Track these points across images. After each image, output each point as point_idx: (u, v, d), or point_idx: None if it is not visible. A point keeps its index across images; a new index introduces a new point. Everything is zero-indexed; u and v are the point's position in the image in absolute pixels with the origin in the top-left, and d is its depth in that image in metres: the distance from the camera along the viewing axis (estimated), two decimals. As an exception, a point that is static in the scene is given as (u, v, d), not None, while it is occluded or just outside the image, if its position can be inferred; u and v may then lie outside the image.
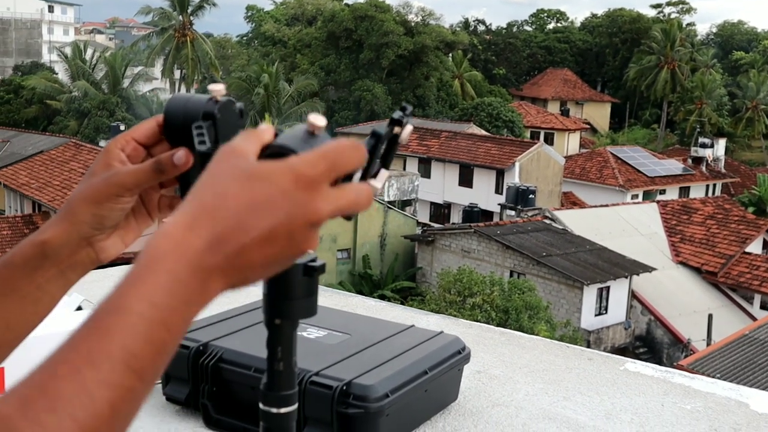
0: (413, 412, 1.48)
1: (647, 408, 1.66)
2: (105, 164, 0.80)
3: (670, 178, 35.89)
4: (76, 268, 0.80)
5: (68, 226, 0.79)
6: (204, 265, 0.58)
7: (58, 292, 0.81)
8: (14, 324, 0.79)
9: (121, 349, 0.55)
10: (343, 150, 0.63)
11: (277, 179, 0.60)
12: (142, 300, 0.56)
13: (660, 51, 51.69)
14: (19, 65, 55.45)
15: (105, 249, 0.81)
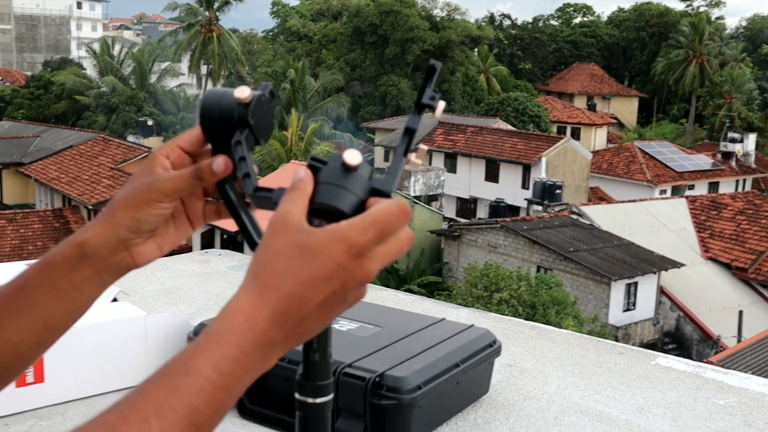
0: (445, 404, 1.49)
1: (680, 403, 1.65)
2: (149, 170, 0.83)
3: (699, 173, 35.48)
4: (111, 270, 0.82)
5: (107, 228, 0.81)
6: (268, 340, 0.65)
7: (94, 292, 0.83)
8: (52, 322, 0.81)
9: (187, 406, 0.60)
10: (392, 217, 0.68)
11: (331, 252, 0.65)
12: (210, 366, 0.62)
13: (688, 45, 51.06)
14: (49, 61, 56.12)
15: (141, 254, 0.83)
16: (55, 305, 0.81)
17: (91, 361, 1.52)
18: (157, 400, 0.60)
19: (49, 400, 1.49)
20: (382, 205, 0.69)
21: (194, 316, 1.97)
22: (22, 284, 0.81)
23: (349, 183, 0.73)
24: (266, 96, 0.85)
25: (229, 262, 2.62)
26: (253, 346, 0.64)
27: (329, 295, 0.66)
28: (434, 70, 0.83)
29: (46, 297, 0.80)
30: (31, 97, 43.80)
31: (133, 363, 1.58)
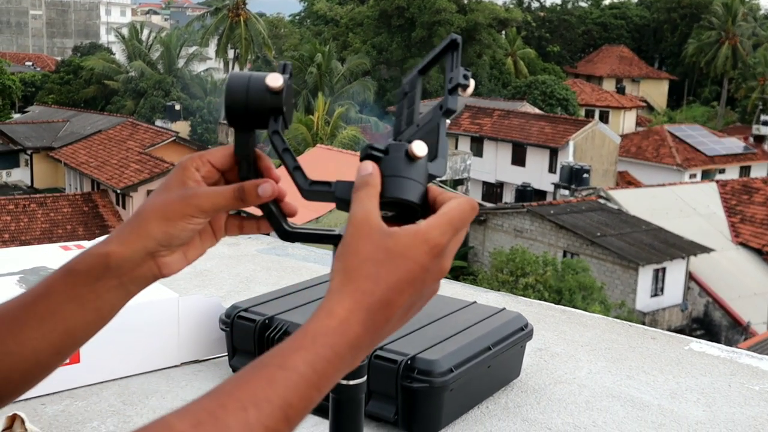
0: (476, 387, 1.49)
1: (714, 388, 1.64)
2: (180, 182, 0.81)
3: (730, 157, 34.97)
4: (137, 281, 0.81)
5: (135, 240, 0.80)
6: (359, 344, 0.68)
7: (118, 302, 0.82)
8: (73, 330, 0.80)
9: (282, 398, 0.64)
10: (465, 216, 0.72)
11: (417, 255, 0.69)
12: (306, 364, 0.66)
13: (721, 26, 50.19)
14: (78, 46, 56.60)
15: (168, 265, 0.82)
16: (77, 314, 0.80)
17: (125, 342, 1.54)
18: (255, 390, 0.63)
19: (84, 381, 1.51)
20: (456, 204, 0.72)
21: (225, 299, 1.98)
22: (44, 291, 0.81)
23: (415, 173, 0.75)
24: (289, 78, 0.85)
25: (259, 245, 2.63)
26: (345, 349, 0.67)
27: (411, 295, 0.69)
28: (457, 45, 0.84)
29: (67, 305, 0.79)
30: (61, 82, 44.22)
31: (166, 344, 1.60)
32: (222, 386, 0.64)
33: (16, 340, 0.79)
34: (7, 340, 0.79)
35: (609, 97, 45.86)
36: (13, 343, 0.79)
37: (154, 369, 1.60)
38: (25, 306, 0.81)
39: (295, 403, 0.64)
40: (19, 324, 0.80)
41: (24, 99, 44.75)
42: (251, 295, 1.89)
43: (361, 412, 0.90)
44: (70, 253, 1.93)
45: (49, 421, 1.39)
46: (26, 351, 0.79)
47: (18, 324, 0.80)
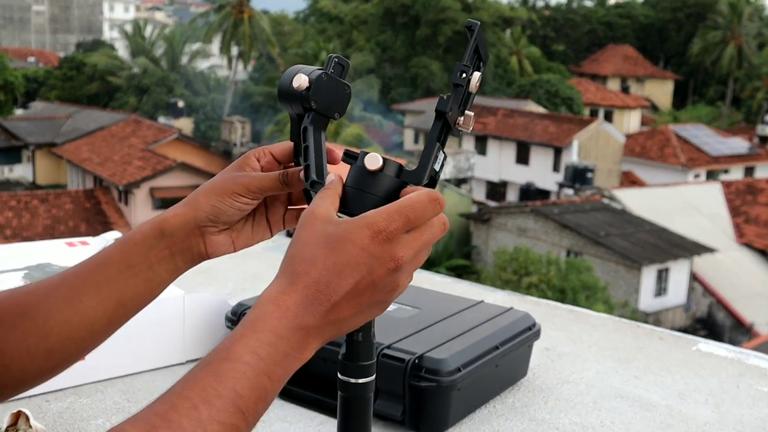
0: (484, 387, 1.48)
1: (722, 389, 1.63)
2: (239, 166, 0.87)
3: (735, 157, 34.91)
4: (185, 254, 0.86)
5: (188, 211, 0.85)
6: (301, 324, 0.67)
7: (167, 275, 0.86)
8: (125, 300, 0.84)
9: (231, 391, 0.63)
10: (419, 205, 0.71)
11: (356, 238, 0.68)
12: (250, 351, 0.65)
13: (726, 26, 50.11)
14: (81, 42, 56.66)
15: (214, 244, 0.86)
16: (130, 283, 0.84)
17: (130, 339, 1.53)
18: (203, 386, 0.63)
19: (89, 378, 1.50)
20: (411, 195, 0.72)
21: (230, 296, 1.97)
22: (101, 261, 0.85)
23: (373, 186, 0.77)
24: (329, 72, 0.87)
25: (265, 242, 2.62)
26: (288, 331, 0.66)
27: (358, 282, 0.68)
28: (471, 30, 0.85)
29: (122, 274, 0.83)
30: (64, 78, 44.29)
31: (171, 342, 1.59)
32: (172, 388, 0.64)
33: (74, 309, 0.83)
34: (65, 309, 0.83)
35: (613, 96, 45.82)
36: (71, 312, 0.83)
37: (160, 366, 1.59)
38: (82, 275, 0.85)
39: (246, 394, 0.64)
40: (77, 293, 0.84)
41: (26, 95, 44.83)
42: (257, 293, 1.88)
43: (369, 411, 0.89)
44: (75, 249, 1.92)
45: (53, 417, 1.39)
46: (82, 320, 0.83)
47: (76, 293, 0.84)
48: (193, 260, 0.88)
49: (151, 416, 0.61)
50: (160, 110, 38.86)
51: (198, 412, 0.62)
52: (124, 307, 0.85)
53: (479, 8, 45.71)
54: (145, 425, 0.60)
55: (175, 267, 0.86)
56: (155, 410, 0.62)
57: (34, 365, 0.83)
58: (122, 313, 0.85)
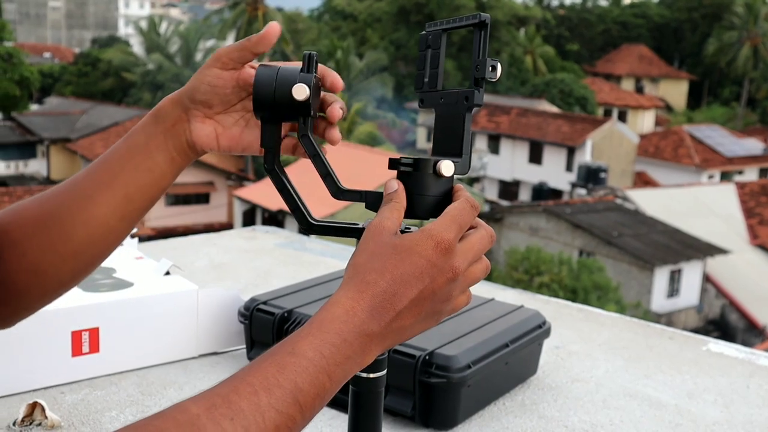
0: (494, 384, 1.49)
1: (732, 389, 1.63)
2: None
3: (750, 158, 34.66)
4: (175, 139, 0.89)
5: (176, 96, 0.90)
6: (366, 331, 0.71)
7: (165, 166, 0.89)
8: (132, 194, 0.89)
9: (292, 383, 0.67)
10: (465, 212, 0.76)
11: (422, 249, 0.73)
12: (314, 349, 0.69)
13: (742, 26, 49.76)
14: (97, 38, 56.95)
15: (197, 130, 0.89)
16: (134, 176, 0.88)
17: (144, 333, 1.55)
18: (266, 375, 0.67)
19: (103, 370, 1.52)
20: (456, 203, 0.77)
21: (243, 292, 1.99)
22: (107, 158, 0.89)
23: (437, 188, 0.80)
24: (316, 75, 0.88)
25: (276, 239, 2.64)
26: (353, 336, 0.70)
27: (421, 291, 0.72)
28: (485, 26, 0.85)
29: (125, 167, 0.88)
30: (79, 73, 44.51)
31: (185, 336, 1.61)
32: (237, 373, 0.68)
33: (87, 208, 0.88)
34: (82, 211, 0.88)
35: (628, 96, 45.60)
36: (85, 213, 0.88)
37: (173, 360, 1.61)
38: (90, 176, 0.90)
39: (305, 388, 0.67)
40: (89, 192, 0.89)
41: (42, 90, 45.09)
42: (269, 289, 1.89)
43: (380, 406, 0.91)
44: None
45: (68, 409, 1.41)
46: (98, 219, 0.88)
47: (89, 192, 0.89)
48: (183, 149, 0.90)
49: (213, 396, 0.65)
50: (174, 107, 38.97)
51: (258, 398, 0.65)
52: (132, 201, 0.89)
53: (493, 7, 45.61)
54: (205, 403, 0.64)
55: (170, 156, 0.89)
56: (218, 391, 0.66)
57: (66, 267, 0.88)
58: (132, 209, 0.89)
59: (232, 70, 0.88)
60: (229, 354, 1.67)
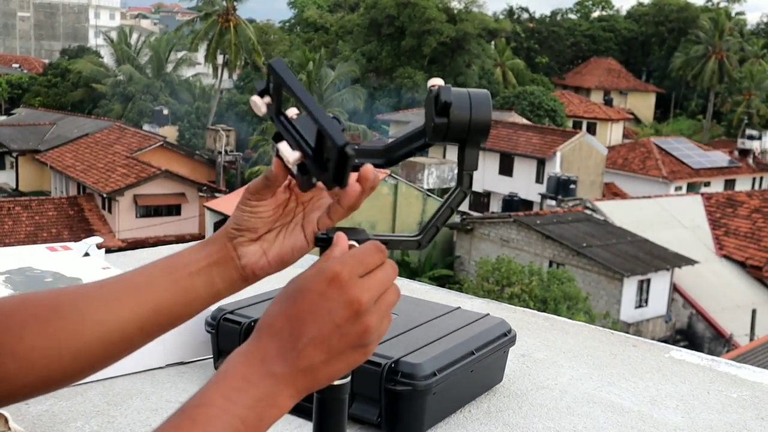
0: (459, 391, 1.50)
1: (693, 395, 1.66)
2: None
3: (716, 170, 35.25)
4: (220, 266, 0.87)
5: (222, 228, 0.90)
6: (270, 371, 0.70)
7: (204, 290, 0.88)
8: (161, 308, 0.86)
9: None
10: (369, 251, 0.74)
11: (313, 285, 0.71)
12: (221, 396, 0.68)
13: (708, 41, 50.66)
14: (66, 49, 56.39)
15: (245, 254, 0.88)
16: (169, 289, 0.85)
17: (110, 342, 1.55)
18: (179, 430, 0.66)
19: (68, 380, 1.51)
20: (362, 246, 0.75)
21: (211, 302, 1.99)
22: (149, 265, 0.87)
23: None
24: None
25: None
26: (257, 377, 0.69)
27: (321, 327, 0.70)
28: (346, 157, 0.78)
29: (164, 279, 0.86)
30: (49, 84, 44.06)
31: (152, 346, 1.60)
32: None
33: (110, 309, 0.84)
34: (101, 309, 0.83)
35: (596, 108, 46.16)
36: (106, 312, 0.83)
37: (140, 370, 1.61)
38: (126, 277, 0.87)
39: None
40: (117, 294, 0.85)
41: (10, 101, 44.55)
42: (240, 298, 1.89)
43: (344, 413, 0.91)
44: (56, 254, 1.93)
45: (32, 420, 1.40)
46: (117, 322, 0.84)
47: (116, 294, 0.85)
48: (229, 275, 0.88)
49: None
50: (145, 118, 38.71)
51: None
52: (158, 314, 0.86)
53: (464, 20, 45.95)
54: None
55: (212, 281, 0.88)
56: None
57: (60, 365, 0.82)
58: (155, 321, 0.86)
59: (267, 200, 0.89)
60: (196, 364, 1.67)
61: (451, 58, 46.11)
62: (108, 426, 1.40)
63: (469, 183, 0.91)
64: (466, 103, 0.87)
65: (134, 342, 0.86)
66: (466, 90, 0.89)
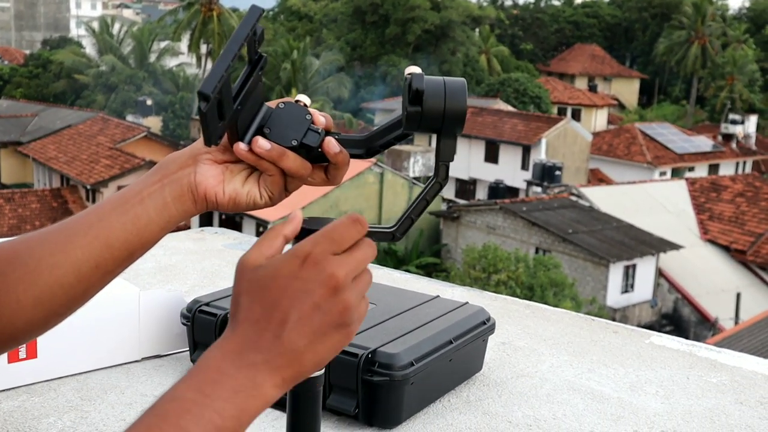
0: (438, 381, 1.49)
1: (672, 381, 1.66)
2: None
3: (700, 155, 35.42)
4: (174, 185, 0.84)
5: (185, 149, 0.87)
6: (248, 362, 0.67)
7: (155, 213, 0.84)
8: (113, 241, 0.82)
9: (176, 427, 0.63)
10: (341, 226, 0.70)
11: (286, 269, 0.68)
12: (194, 390, 0.65)
13: (690, 26, 50.81)
14: (48, 39, 55.89)
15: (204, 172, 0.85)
16: (119, 220, 0.82)
17: (83, 337, 1.52)
18: (149, 427, 0.64)
19: (41, 376, 1.49)
20: (335, 221, 0.72)
21: (189, 294, 1.97)
22: (102, 201, 0.85)
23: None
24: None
25: (225, 240, 2.62)
26: (233, 369, 0.66)
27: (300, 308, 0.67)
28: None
29: (114, 211, 0.82)
30: (30, 75, 43.66)
31: (126, 340, 1.59)
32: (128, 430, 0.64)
33: (63, 251, 0.81)
34: (56, 253, 0.81)
35: (581, 95, 46.25)
36: (61, 255, 0.81)
37: (114, 364, 1.58)
38: (79, 217, 0.84)
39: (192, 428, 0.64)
40: (69, 234, 0.82)
41: (-8, 93, 44.03)
42: (215, 289, 1.87)
43: (318, 405, 0.90)
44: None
45: (3, 417, 1.37)
46: (71, 262, 0.81)
47: (69, 234, 0.82)
48: (181, 194, 0.84)
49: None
50: (128, 108, 38.44)
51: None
52: (111, 248, 0.82)
53: (448, 7, 45.85)
54: None
55: (164, 202, 0.84)
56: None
57: (22, 316, 0.80)
58: (109, 256, 0.82)
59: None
60: (173, 357, 1.65)
61: (435, 45, 46.03)
62: (81, 421, 1.38)
63: (445, 174, 0.89)
64: (440, 91, 0.85)
65: (93, 282, 0.83)
66: (442, 78, 0.87)
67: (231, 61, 0.80)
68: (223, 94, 0.79)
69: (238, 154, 0.83)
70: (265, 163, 0.84)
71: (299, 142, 0.85)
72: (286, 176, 0.87)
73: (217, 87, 0.77)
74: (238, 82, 0.85)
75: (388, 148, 0.92)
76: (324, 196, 20.89)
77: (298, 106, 0.87)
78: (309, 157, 0.87)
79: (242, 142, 0.84)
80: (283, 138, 0.85)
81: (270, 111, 0.87)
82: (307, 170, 0.86)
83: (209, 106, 0.76)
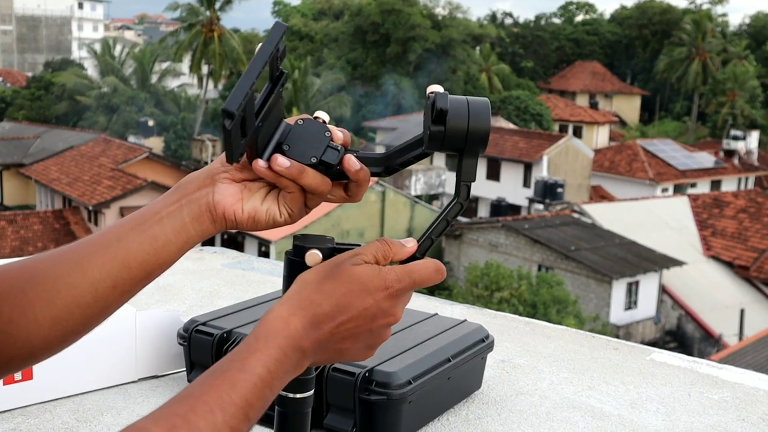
0: (436, 399, 1.48)
1: (673, 398, 1.64)
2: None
3: (702, 171, 35.41)
4: (192, 205, 0.84)
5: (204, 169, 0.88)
6: (301, 345, 0.76)
7: (173, 234, 0.83)
8: (130, 261, 0.82)
9: (243, 400, 0.70)
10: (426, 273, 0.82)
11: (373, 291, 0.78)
12: (262, 365, 0.72)
13: (691, 42, 50.98)
14: (50, 62, 56.11)
15: (221, 191, 0.85)
16: (137, 240, 0.82)
17: (80, 358, 1.51)
18: (220, 393, 0.70)
19: (37, 398, 1.48)
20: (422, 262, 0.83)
21: (186, 313, 1.96)
22: (120, 220, 0.85)
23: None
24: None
25: (224, 259, 2.61)
26: (291, 350, 0.74)
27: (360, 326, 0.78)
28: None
29: (131, 232, 0.83)
30: (32, 97, 43.83)
31: (123, 360, 1.58)
32: (190, 391, 0.70)
33: (81, 270, 0.81)
34: (74, 271, 0.81)
35: (582, 112, 46.34)
36: (78, 274, 0.81)
37: (111, 385, 1.57)
38: (89, 239, 0.84)
39: (254, 402, 0.71)
40: (87, 253, 0.82)
41: (-6, 115, 44.21)
42: (213, 309, 1.87)
43: (307, 427, 0.89)
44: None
45: (-1, 439, 1.36)
46: (88, 282, 0.81)
47: (87, 253, 0.82)
48: (200, 214, 0.84)
49: (172, 416, 0.67)
50: (130, 129, 38.56)
51: (214, 416, 0.68)
52: (128, 268, 0.82)
53: (449, 26, 46.10)
54: (166, 424, 0.66)
55: (182, 223, 0.83)
56: (176, 410, 0.68)
57: (40, 334, 0.79)
58: (126, 276, 0.82)
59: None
60: (170, 377, 1.64)
61: (436, 64, 46.22)
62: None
63: (466, 194, 0.88)
64: (464, 111, 0.84)
65: (110, 301, 0.82)
66: (465, 97, 0.86)
67: (255, 78, 0.79)
68: (246, 111, 0.78)
69: (258, 172, 0.84)
70: (284, 180, 0.84)
71: (318, 159, 0.84)
72: (306, 193, 0.87)
73: (242, 104, 0.76)
74: (260, 98, 0.84)
75: (408, 166, 0.91)
76: (326, 215, 20.92)
77: (317, 122, 0.87)
78: (328, 174, 0.86)
79: (261, 159, 0.84)
80: (303, 155, 0.84)
81: (289, 128, 0.86)
82: (327, 187, 0.86)
83: (233, 124, 0.76)
